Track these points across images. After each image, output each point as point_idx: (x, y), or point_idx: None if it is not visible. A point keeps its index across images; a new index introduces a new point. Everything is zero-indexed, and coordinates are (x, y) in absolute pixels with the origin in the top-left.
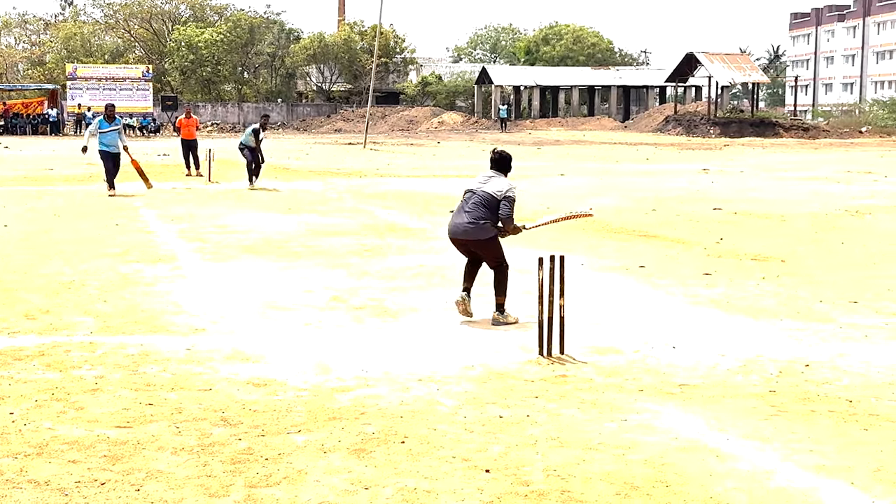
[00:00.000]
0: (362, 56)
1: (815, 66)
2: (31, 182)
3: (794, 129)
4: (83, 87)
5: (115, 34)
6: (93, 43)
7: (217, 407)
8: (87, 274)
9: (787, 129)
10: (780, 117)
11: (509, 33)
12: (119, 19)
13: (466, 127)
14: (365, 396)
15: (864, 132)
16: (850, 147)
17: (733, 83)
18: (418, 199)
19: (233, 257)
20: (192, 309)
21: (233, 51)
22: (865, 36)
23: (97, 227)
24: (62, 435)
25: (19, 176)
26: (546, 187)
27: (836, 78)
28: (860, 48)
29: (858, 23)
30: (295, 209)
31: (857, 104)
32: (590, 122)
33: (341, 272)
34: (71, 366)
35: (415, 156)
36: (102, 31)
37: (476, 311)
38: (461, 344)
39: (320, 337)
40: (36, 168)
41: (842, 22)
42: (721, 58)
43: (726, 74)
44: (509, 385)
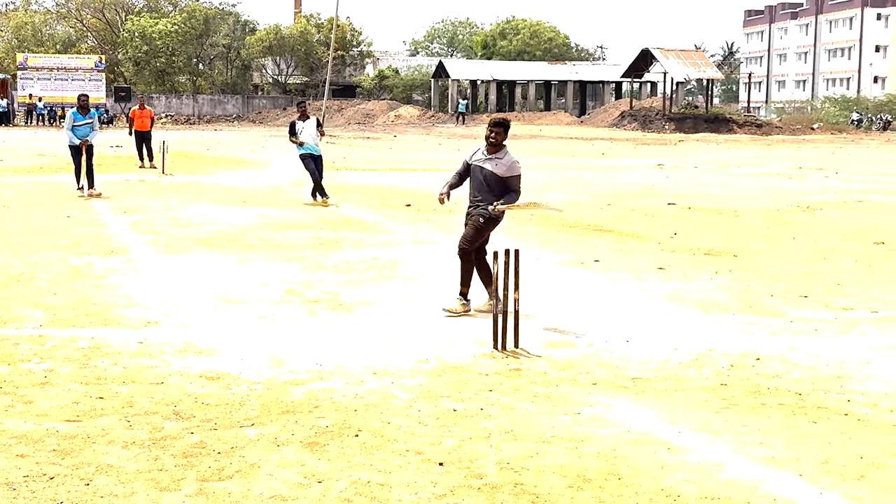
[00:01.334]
0: (319, 49)
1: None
2: None
3: (747, 126)
4: (34, 77)
5: (66, 24)
6: (44, 32)
7: (169, 401)
8: (36, 266)
9: (740, 126)
10: (734, 114)
11: (466, 27)
12: (71, 9)
13: (423, 121)
14: (319, 390)
15: (815, 129)
16: (802, 144)
17: (688, 79)
18: (374, 193)
19: (187, 250)
20: (144, 302)
21: (187, 42)
22: (818, 34)
23: (48, 219)
24: (10, 429)
25: None
26: None
27: (788, 75)
28: (812, 46)
29: (811, 20)
30: (250, 202)
31: (810, 101)
32: (546, 117)
33: (296, 265)
34: (20, 359)
35: (371, 149)
36: (54, 20)
37: (432, 302)
38: (416, 337)
39: (274, 330)
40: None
41: (795, 20)
42: (676, 54)
43: (681, 70)
44: (463, 378)
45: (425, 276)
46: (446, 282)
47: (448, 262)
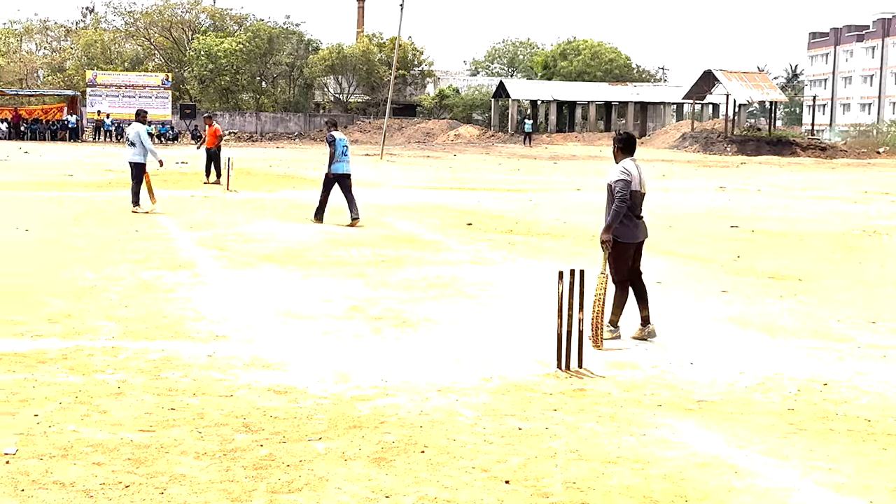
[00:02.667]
0: (380, 68)
1: (833, 86)
2: (50, 187)
3: (811, 149)
4: (102, 94)
5: (135, 42)
6: (113, 50)
7: (238, 413)
8: (108, 279)
9: (804, 149)
10: (798, 136)
11: (527, 48)
12: (139, 27)
13: (483, 140)
14: (384, 406)
15: (881, 153)
16: (868, 167)
17: (751, 101)
18: (435, 211)
19: (251, 265)
20: (212, 315)
21: (251, 60)
22: (884, 56)
23: (117, 233)
24: (86, 437)
25: (39, 181)
26: (562, 201)
27: (853, 98)
28: (878, 69)
29: (877, 43)
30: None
31: (875, 125)
32: (606, 138)
33: (359, 282)
34: (94, 370)
35: (431, 168)
36: (123, 38)
37: (494, 321)
38: (479, 355)
39: (339, 346)
40: (55, 174)
41: (860, 42)
42: (739, 76)
43: (744, 92)
44: (527, 397)
45: (486, 295)
46: (507, 301)
47: (509, 281)
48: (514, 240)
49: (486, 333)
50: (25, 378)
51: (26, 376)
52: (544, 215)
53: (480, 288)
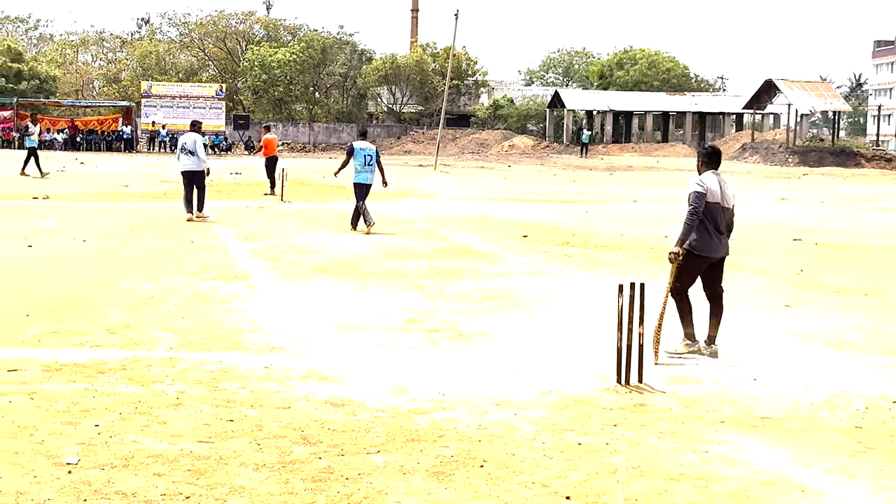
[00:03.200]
0: (434, 78)
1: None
2: (106, 198)
3: (875, 160)
4: (157, 104)
5: (189, 53)
6: (167, 61)
7: (297, 425)
8: (165, 290)
9: (868, 160)
10: (862, 147)
11: (582, 57)
12: (194, 38)
13: (537, 151)
14: (442, 419)
15: None
16: None
17: (813, 111)
18: (489, 223)
19: (306, 277)
20: (268, 327)
21: (305, 71)
22: None
23: (173, 244)
24: (146, 448)
25: (95, 192)
26: (619, 213)
27: None
28: None
29: None
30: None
31: None
32: (664, 149)
33: (415, 294)
34: (153, 380)
35: (486, 179)
36: (177, 49)
37: (551, 334)
38: (537, 369)
39: (396, 358)
40: (111, 184)
41: None
42: (801, 85)
43: (806, 102)
44: (587, 412)
45: (543, 308)
46: (565, 314)
47: (566, 294)
48: (571, 252)
49: (544, 347)
50: (86, 388)
51: (87, 386)
52: (601, 227)
53: (537, 300)
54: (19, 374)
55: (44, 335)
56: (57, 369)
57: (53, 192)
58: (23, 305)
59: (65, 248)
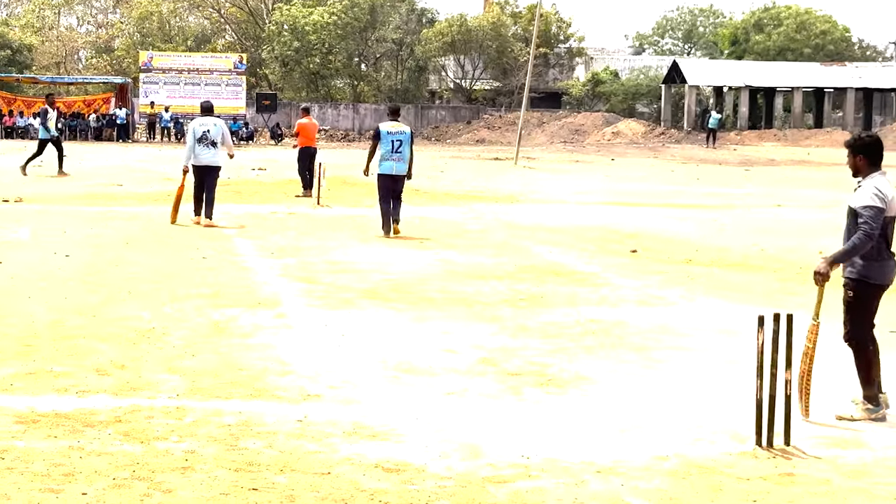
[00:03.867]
0: (515, 45)
1: None
2: (96, 201)
3: None
4: (160, 80)
5: (200, 14)
6: (173, 25)
7: (338, 496)
8: (169, 319)
9: None
10: None
11: (709, 17)
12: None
13: (649, 139)
14: (527, 490)
15: None
16: None
17: None
18: (587, 234)
19: (350, 303)
20: (302, 369)
21: (348, 36)
22: None
23: (180, 260)
24: None
25: (81, 193)
26: (757, 221)
27: None
28: None
29: None
30: (428, 244)
31: None
32: (817, 136)
33: (490, 327)
34: (154, 436)
35: (582, 175)
36: (186, 9)
37: (670, 381)
38: (649, 426)
39: (466, 410)
40: (102, 183)
41: None
42: None
43: None
44: (716, 483)
45: (658, 346)
46: (686, 354)
47: (688, 328)
48: (694, 272)
49: (659, 397)
50: (70, 446)
51: (71, 443)
52: (734, 240)
53: (650, 337)
54: None
55: (17, 377)
56: (34, 421)
57: (28, 194)
58: None
59: (43, 266)
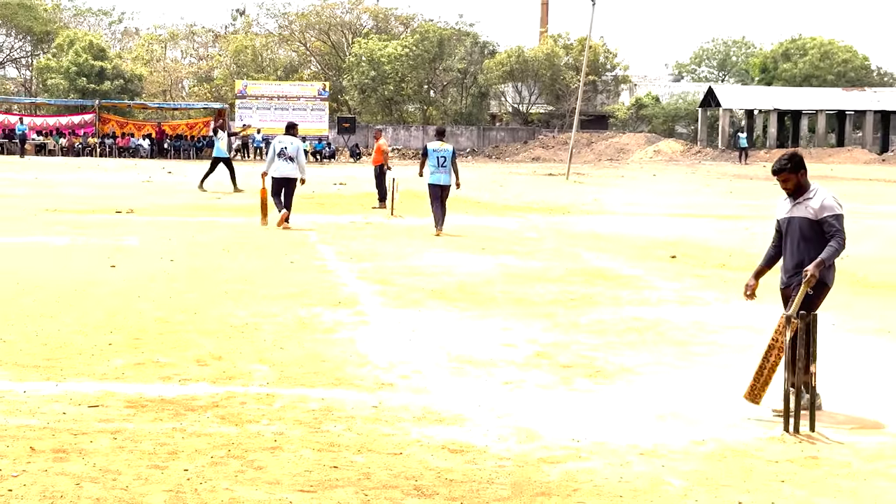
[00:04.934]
0: (567, 73)
1: None
2: (196, 212)
3: None
4: (253, 106)
5: (289, 47)
6: (265, 57)
7: (409, 474)
8: (261, 316)
9: None
10: None
11: (741, 48)
12: (294, 31)
13: (687, 157)
14: (577, 470)
15: None
16: None
17: None
18: (631, 242)
19: (420, 303)
20: (377, 360)
21: (418, 66)
22: None
23: (270, 265)
24: (241, 497)
25: (184, 205)
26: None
27: None
28: None
29: None
30: (489, 250)
31: None
32: (839, 154)
33: (544, 323)
34: (247, 420)
35: (626, 189)
36: (276, 43)
37: (705, 373)
38: (688, 413)
39: (523, 398)
40: (201, 197)
41: None
42: None
43: None
44: (748, 465)
45: (696, 342)
46: (721, 349)
47: (723, 326)
48: (728, 276)
49: (697, 387)
50: (174, 428)
51: (174, 426)
52: (763, 247)
53: (688, 333)
54: (101, 411)
55: (128, 367)
56: (142, 406)
57: (139, 206)
58: (105, 333)
59: (151, 269)
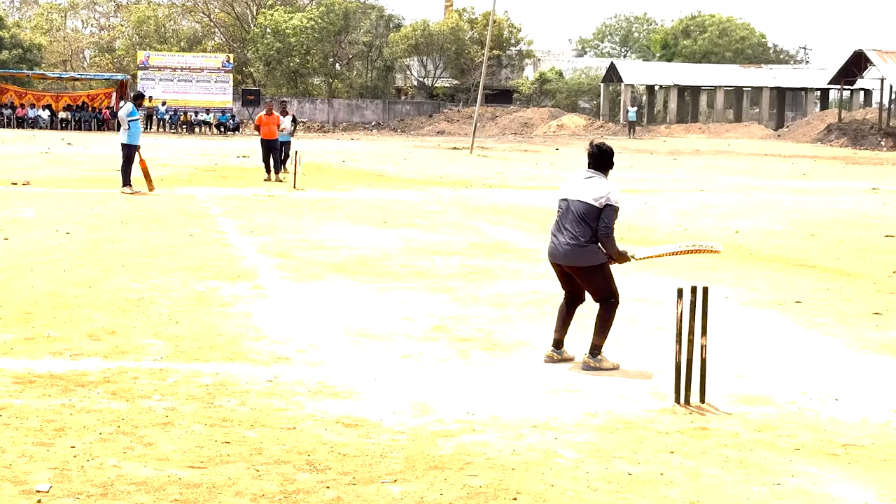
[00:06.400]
0: (471, 48)
1: None
2: (95, 184)
3: None
4: (155, 77)
5: (192, 18)
6: (168, 28)
7: (302, 449)
8: (157, 290)
9: None
10: None
11: (643, 24)
12: (198, 2)
13: (590, 131)
14: (471, 443)
15: None
16: None
17: None
18: (533, 215)
19: (320, 276)
20: (274, 334)
21: (324, 39)
22: None
23: (169, 238)
24: (129, 474)
25: (83, 177)
26: (683, 204)
27: None
28: None
29: None
30: (391, 223)
31: None
32: (736, 130)
33: (444, 297)
34: (139, 395)
35: (530, 164)
36: (179, 14)
37: (604, 346)
38: (582, 386)
39: (420, 372)
40: (101, 169)
41: None
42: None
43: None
44: (639, 437)
45: (591, 315)
46: (616, 322)
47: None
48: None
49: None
50: (62, 404)
51: (63, 402)
52: (661, 221)
53: (584, 306)
54: None
55: (17, 342)
56: (30, 381)
57: (36, 178)
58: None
59: (46, 242)
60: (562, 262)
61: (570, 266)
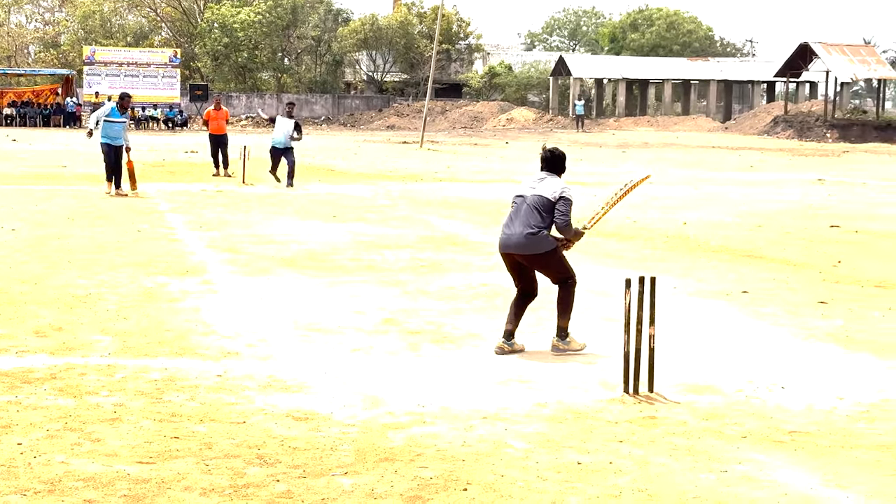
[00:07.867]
0: (420, 42)
1: None
2: (42, 180)
3: None
4: (102, 72)
5: (139, 13)
6: (114, 23)
7: (252, 443)
8: (104, 286)
9: None
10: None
11: (591, 17)
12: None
13: (539, 125)
14: (421, 435)
15: None
16: None
17: (855, 79)
18: (483, 208)
19: (269, 271)
20: (223, 329)
21: (272, 34)
22: None
23: (117, 233)
24: (76, 470)
25: (29, 173)
26: (631, 197)
27: None
28: None
29: None
30: (341, 217)
31: None
32: (684, 122)
33: (394, 291)
34: (86, 391)
35: (479, 157)
36: (125, 9)
37: (550, 337)
38: (532, 377)
39: (370, 365)
40: (47, 165)
41: None
42: (841, 49)
43: (847, 69)
44: (588, 426)
45: (542, 307)
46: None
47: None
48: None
49: (541, 351)
50: (8, 401)
51: (9, 398)
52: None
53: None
54: None
55: None
56: None
57: None
58: None
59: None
60: (514, 252)
61: (524, 255)
